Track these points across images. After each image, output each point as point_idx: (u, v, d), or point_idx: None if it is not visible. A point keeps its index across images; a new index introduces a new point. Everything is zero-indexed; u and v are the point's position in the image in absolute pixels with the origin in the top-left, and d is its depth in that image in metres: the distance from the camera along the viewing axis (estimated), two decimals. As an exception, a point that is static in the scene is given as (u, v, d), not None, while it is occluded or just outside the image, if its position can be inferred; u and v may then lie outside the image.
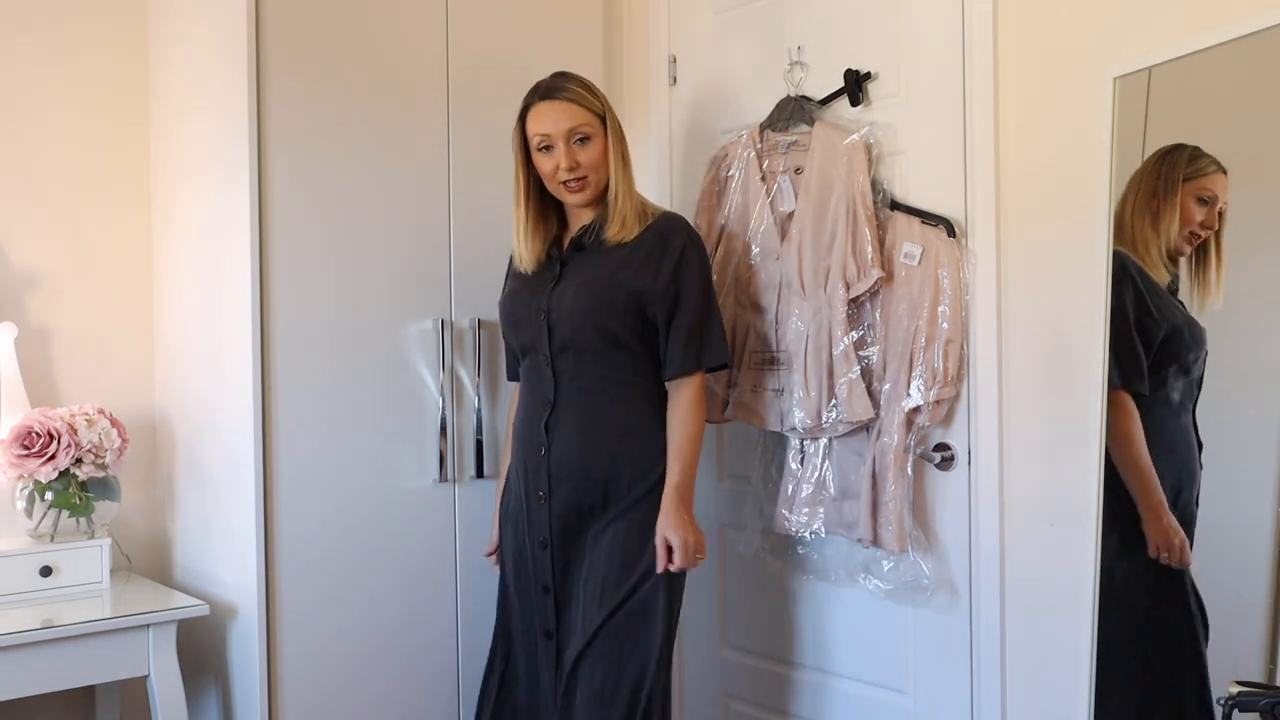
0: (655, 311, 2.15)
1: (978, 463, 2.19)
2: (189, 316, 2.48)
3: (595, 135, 2.17)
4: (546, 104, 2.17)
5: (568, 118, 2.15)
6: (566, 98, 2.17)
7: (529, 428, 2.22)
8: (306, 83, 2.28)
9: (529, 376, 2.25)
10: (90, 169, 2.56)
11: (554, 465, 2.16)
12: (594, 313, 2.13)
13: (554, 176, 2.17)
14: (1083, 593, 1.98)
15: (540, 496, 2.18)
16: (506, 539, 2.29)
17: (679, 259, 2.16)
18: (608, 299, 2.14)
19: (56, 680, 2.10)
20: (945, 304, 2.18)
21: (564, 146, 2.15)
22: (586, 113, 2.17)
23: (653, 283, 2.14)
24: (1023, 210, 2.12)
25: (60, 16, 2.52)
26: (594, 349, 2.15)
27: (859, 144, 2.30)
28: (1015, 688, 2.15)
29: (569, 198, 2.20)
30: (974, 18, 2.16)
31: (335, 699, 2.30)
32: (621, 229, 2.16)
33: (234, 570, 2.30)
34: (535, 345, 2.20)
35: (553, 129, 2.15)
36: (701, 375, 2.18)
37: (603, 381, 2.16)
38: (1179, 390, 1.92)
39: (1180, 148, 1.90)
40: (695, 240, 2.22)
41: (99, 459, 2.31)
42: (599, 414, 2.16)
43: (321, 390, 2.30)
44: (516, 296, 2.26)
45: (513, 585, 2.27)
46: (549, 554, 2.18)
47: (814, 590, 2.47)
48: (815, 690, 2.49)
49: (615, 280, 2.14)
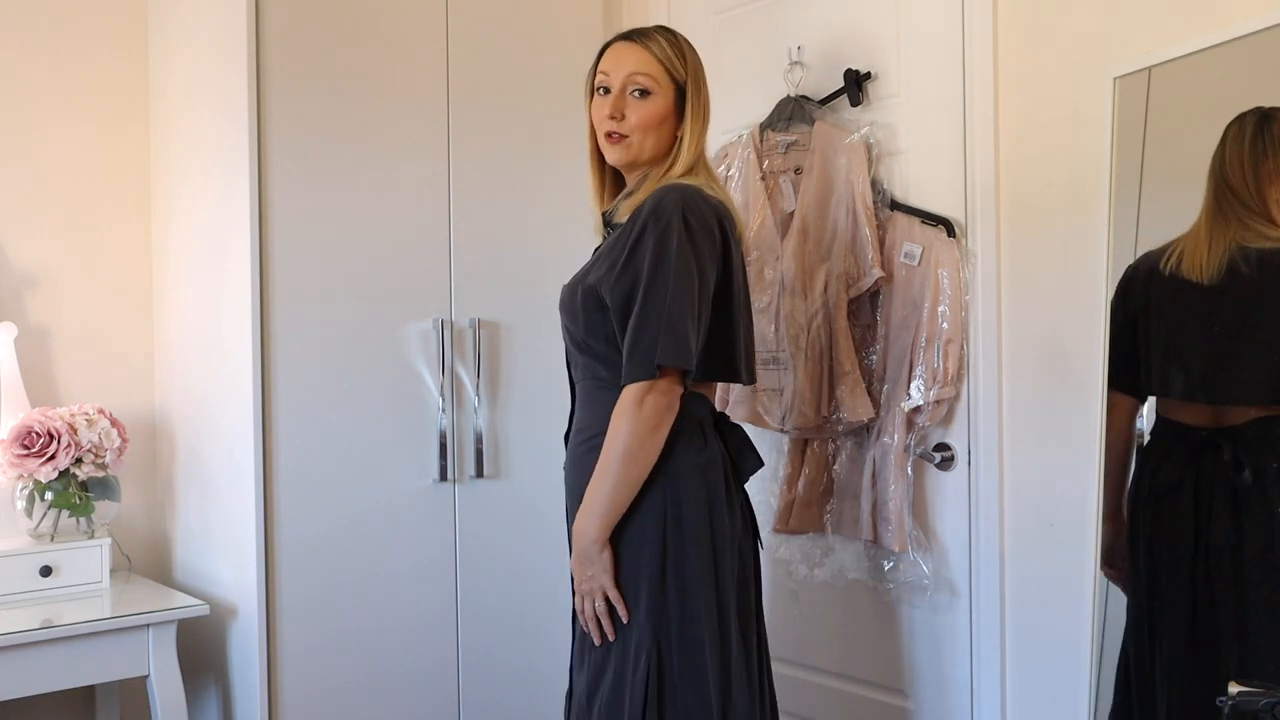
0: (611, 306, 1.80)
1: (978, 463, 2.19)
2: (189, 316, 2.48)
3: (658, 94, 1.86)
4: (621, 44, 1.91)
5: (633, 61, 1.87)
6: (643, 42, 1.89)
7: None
8: (306, 83, 2.28)
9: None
10: (90, 169, 2.56)
11: (568, 489, 1.92)
12: (568, 310, 1.89)
13: (601, 125, 1.90)
14: (1083, 593, 1.98)
15: (567, 510, 1.93)
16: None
17: (635, 239, 1.77)
18: (568, 297, 1.89)
19: (56, 680, 2.10)
20: (945, 304, 2.18)
21: (619, 91, 1.87)
22: (657, 65, 1.87)
23: (608, 272, 1.80)
24: (1023, 210, 2.12)
25: (60, 16, 2.52)
26: (580, 348, 1.89)
27: (859, 144, 2.30)
28: (1015, 688, 2.15)
29: (609, 153, 1.90)
30: (974, 18, 2.16)
31: (335, 699, 2.30)
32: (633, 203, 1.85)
33: (234, 570, 2.30)
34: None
35: (614, 69, 1.88)
36: (637, 386, 1.75)
37: (592, 385, 1.89)
38: None
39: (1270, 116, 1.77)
40: (661, 214, 1.76)
41: (99, 459, 2.31)
42: (587, 421, 1.88)
43: (321, 390, 2.30)
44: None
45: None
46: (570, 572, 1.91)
47: (814, 590, 2.47)
48: (815, 690, 2.49)
49: (583, 274, 1.89)
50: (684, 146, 1.88)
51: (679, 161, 1.88)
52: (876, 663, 2.37)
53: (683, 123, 1.89)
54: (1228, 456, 1.79)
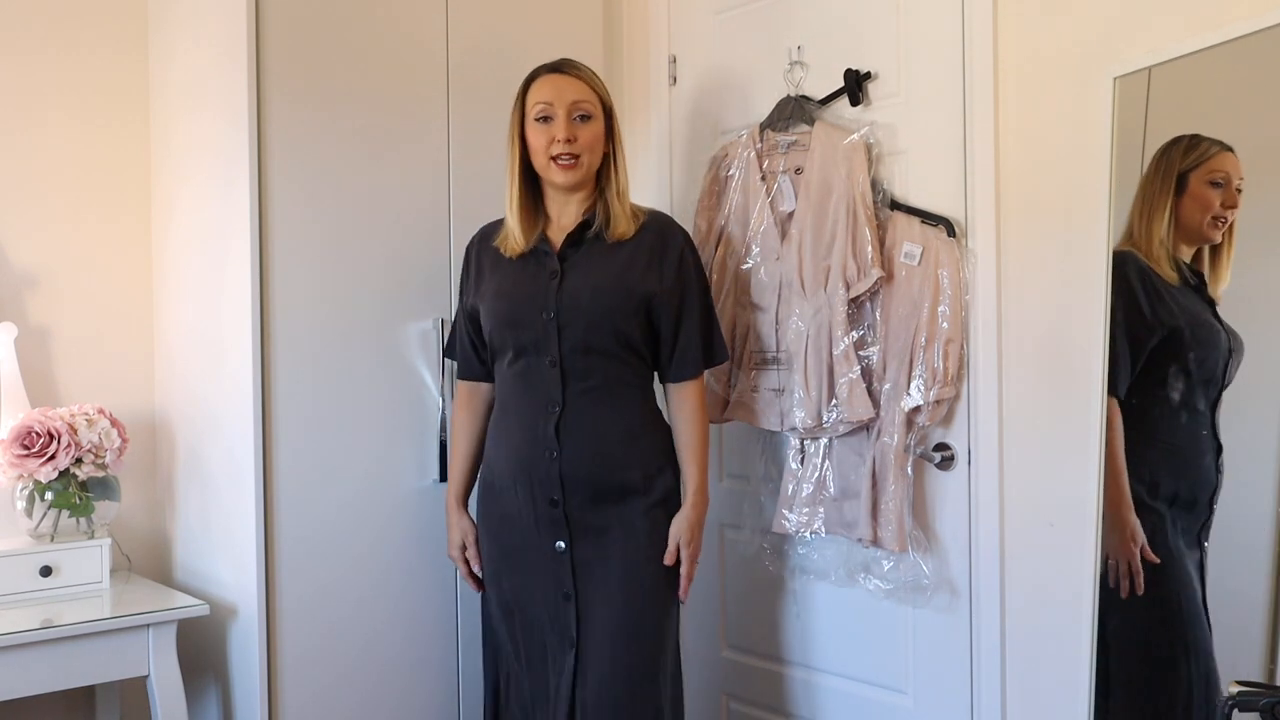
0: (660, 315, 2.15)
1: (978, 463, 2.19)
2: (189, 316, 2.48)
3: (596, 117, 2.14)
4: (554, 75, 2.15)
5: (573, 90, 2.12)
6: (575, 74, 2.15)
7: (528, 431, 2.14)
8: (306, 83, 2.28)
9: (524, 377, 2.16)
10: (90, 169, 2.56)
11: (567, 470, 2.11)
12: (612, 315, 2.11)
13: (546, 150, 2.11)
14: (1083, 593, 1.98)
15: (554, 501, 2.12)
16: (494, 546, 2.21)
17: (680, 259, 2.18)
18: (622, 303, 2.12)
19: (56, 680, 2.10)
20: (945, 304, 2.18)
21: (564, 118, 2.10)
22: (592, 92, 2.14)
23: (659, 285, 2.14)
24: (1023, 210, 2.12)
25: (60, 17, 2.52)
26: (607, 352, 2.12)
27: (859, 144, 2.30)
28: (1015, 688, 2.15)
29: (557, 175, 2.13)
30: (974, 18, 2.16)
31: (335, 698, 2.30)
32: (624, 226, 2.14)
33: (234, 570, 2.30)
34: (538, 346, 2.13)
35: (556, 98, 2.11)
36: (703, 376, 2.23)
37: (612, 384, 2.14)
38: (1180, 390, 1.92)
39: (1176, 141, 1.89)
40: (689, 239, 2.25)
41: (99, 459, 2.31)
42: (610, 418, 2.13)
43: (321, 390, 2.30)
44: (514, 296, 2.16)
45: (511, 594, 2.19)
46: (568, 559, 2.13)
47: (814, 590, 2.47)
48: (815, 690, 2.49)
49: (625, 283, 2.13)
50: (620, 164, 2.18)
51: (622, 178, 2.17)
52: (876, 663, 2.37)
53: (612, 142, 2.18)
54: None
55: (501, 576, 2.21)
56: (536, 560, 2.15)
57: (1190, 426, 1.92)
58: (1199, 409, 1.91)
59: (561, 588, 2.13)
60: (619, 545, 2.12)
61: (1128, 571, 1.92)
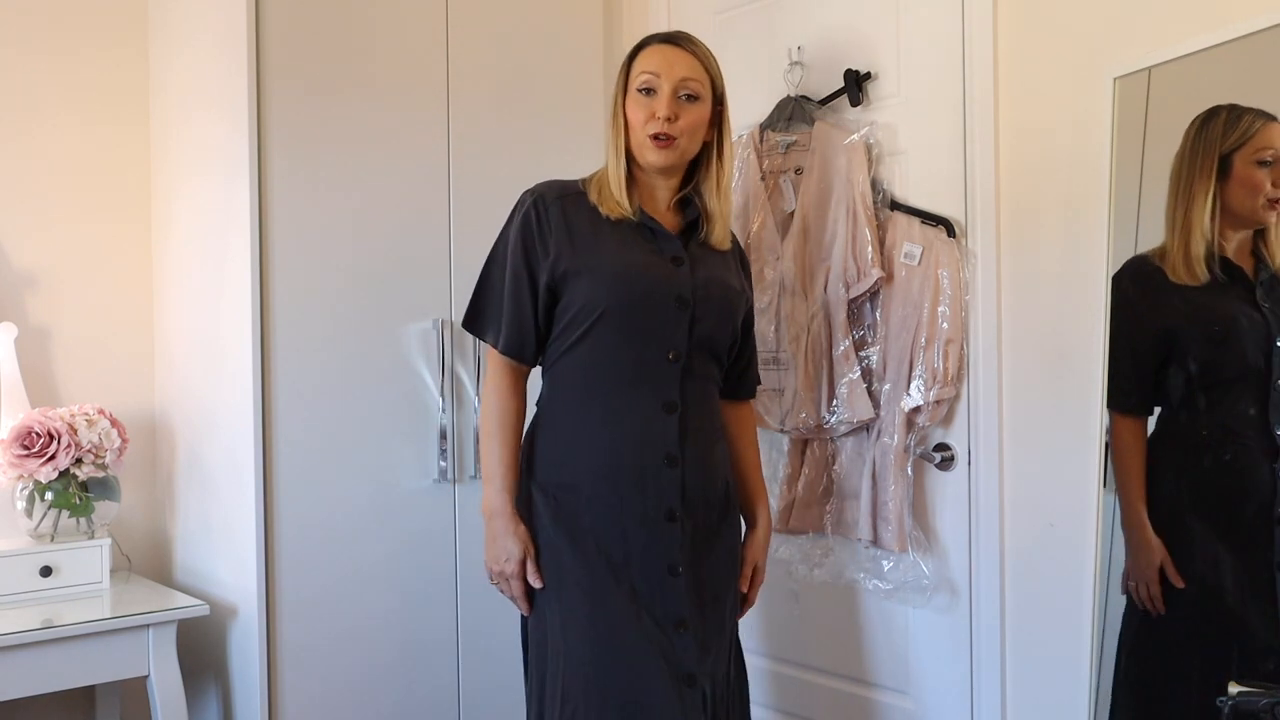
0: (744, 328, 2.04)
1: (978, 463, 2.19)
2: (189, 316, 2.48)
3: (703, 100, 1.90)
4: (666, 46, 1.92)
5: (684, 66, 1.89)
6: (690, 48, 1.92)
7: (643, 430, 1.86)
8: (307, 83, 2.28)
9: (638, 369, 1.87)
10: (90, 169, 2.56)
11: (689, 480, 1.88)
12: (734, 317, 1.97)
13: (644, 125, 1.88)
14: (1083, 593, 1.98)
15: (672, 515, 1.86)
16: (575, 559, 1.85)
17: (749, 275, 2.11)
18: (740, 306, 1.99)
19: (56, 680, 2.10)
20: (945, 304, 2.18)
21: (669, 94, 1.87)
22: (704, 71, 1.91)
23: (748, 297, 2.06)
24: (1023, 210, 2.12)
25: (60, 17, 2.52)
26: (719, 354, 1.96)
27: (859, 144, 2.30)
28: (1015, 688, 2.15)
29: (651, 154, 1.88)
30: (974, 18, 2.16)
31: (335, 698, 2.30)
32: (721, 232, 1.96)
33: (234, 570, 2.30)
34: (660, 336, 1.86)
35: (664, 71, 1.88)
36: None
37: (712, 388, 1.98)
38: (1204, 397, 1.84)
39: (1214, 113, 1.72)
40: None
41: (99, 459, 2.31)
42: (716, 424, 1.98)
43: (321, 390, 2.30)
44: (643, 272, 1.87)
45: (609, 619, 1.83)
46: (682, 581, 1.86)
47: (814, 590, 2.47)
48: (815, 690, 2.49)
49: (735, 285, 1.98)
50: (726, 159, 1.96)
51: (726, 175, 1.96)
52: (876, 663, 2.37)
53: (719, 131, 1.95)
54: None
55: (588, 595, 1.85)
56: (641, 579, 1.85)
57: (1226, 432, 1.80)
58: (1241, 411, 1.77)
59: (673, 616, 1.85)
60: (724, 565, 1.96)
61: (1149, 595, 1.87)
